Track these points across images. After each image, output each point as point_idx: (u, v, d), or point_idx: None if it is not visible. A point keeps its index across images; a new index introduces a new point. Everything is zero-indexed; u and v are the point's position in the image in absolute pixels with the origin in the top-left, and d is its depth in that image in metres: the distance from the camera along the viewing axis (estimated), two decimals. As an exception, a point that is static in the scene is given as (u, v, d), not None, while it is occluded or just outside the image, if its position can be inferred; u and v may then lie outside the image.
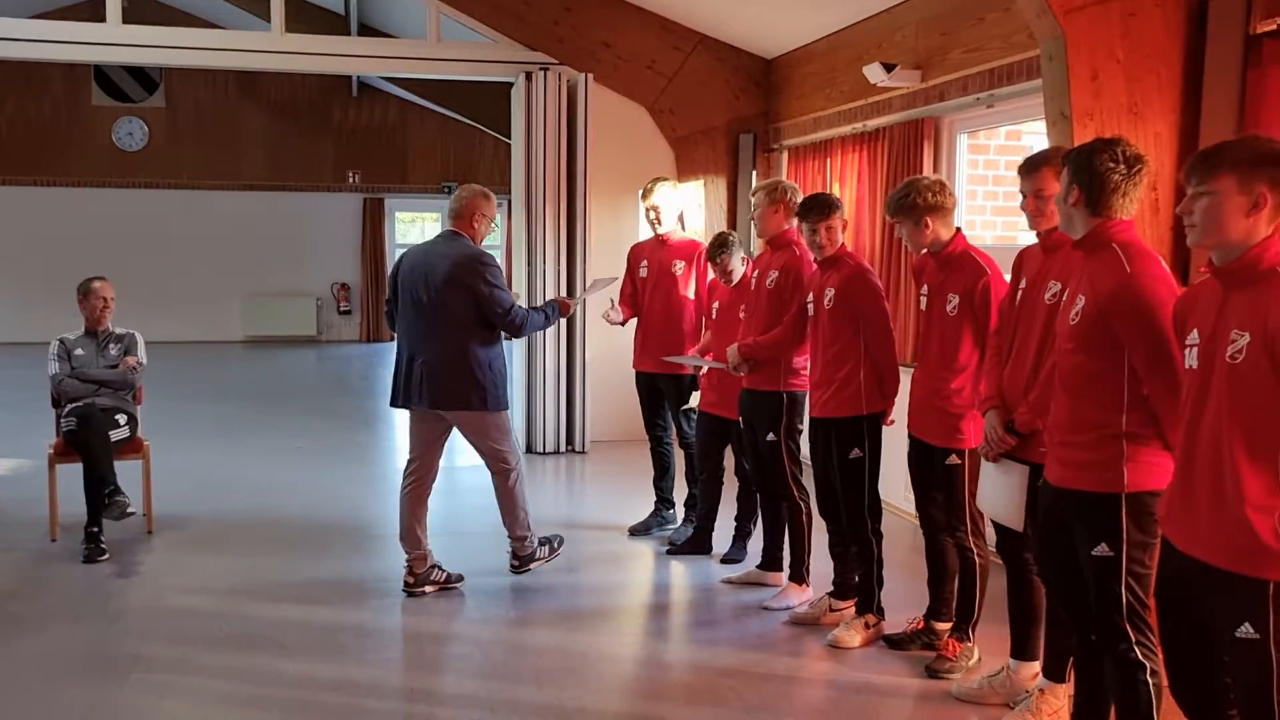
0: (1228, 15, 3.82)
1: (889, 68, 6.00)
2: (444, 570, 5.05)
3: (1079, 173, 3.03)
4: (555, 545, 5.28)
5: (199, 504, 6.51)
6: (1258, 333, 2.44)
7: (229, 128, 16.09)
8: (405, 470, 5.06)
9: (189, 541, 5.80)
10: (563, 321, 8.14)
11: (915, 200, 4.02)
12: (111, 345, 5.87)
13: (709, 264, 5.36)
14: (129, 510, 5.43)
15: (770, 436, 4.81)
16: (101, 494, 5.41)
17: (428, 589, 4.96)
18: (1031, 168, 3.53)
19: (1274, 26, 3.74)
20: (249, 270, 16.04)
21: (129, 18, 8.46)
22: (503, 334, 5.00)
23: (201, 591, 4.97)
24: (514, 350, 8.79)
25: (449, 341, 4.81)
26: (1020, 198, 3.57)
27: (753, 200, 4.93)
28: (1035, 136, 6.09)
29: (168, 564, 5.43)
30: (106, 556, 5.38)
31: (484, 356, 4.84)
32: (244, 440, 8.66)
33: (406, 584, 4.95)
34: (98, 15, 8.32)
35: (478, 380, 4.81)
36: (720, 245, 5.24)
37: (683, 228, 6.08)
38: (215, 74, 15.07)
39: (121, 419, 5.73)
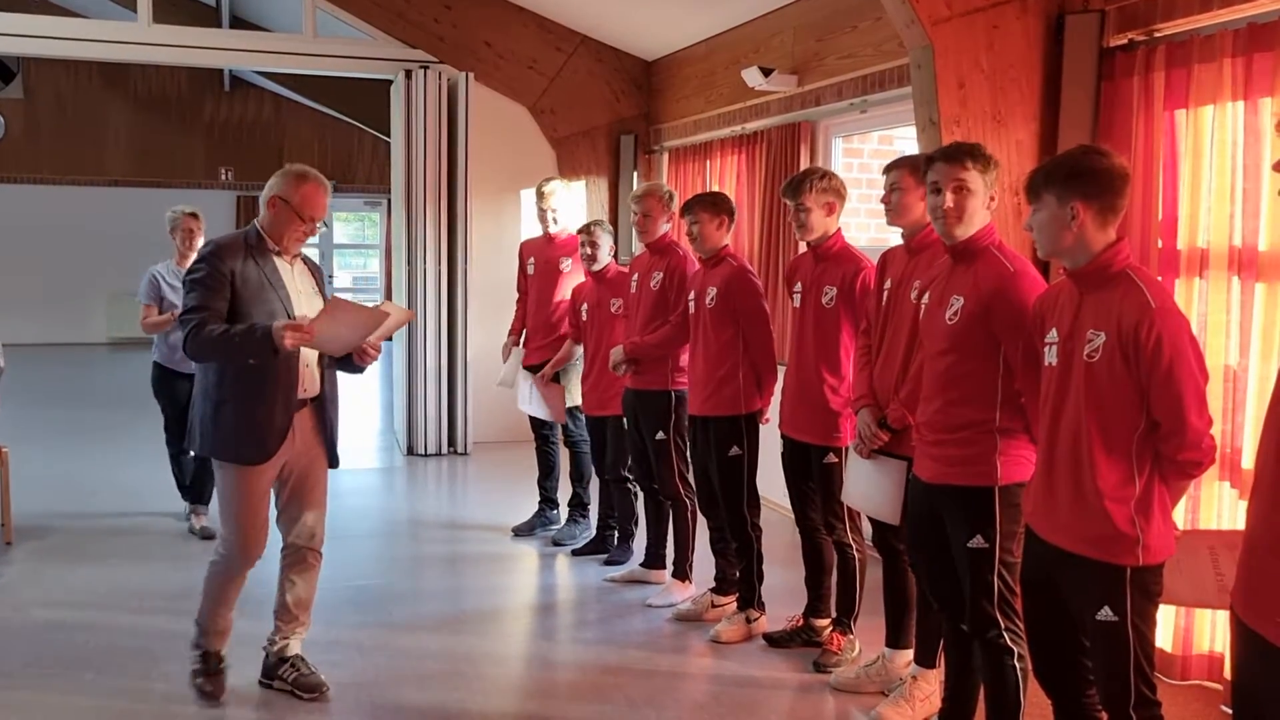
0: (1084, 30, 4.02)
1: (766, 72, 6.11)
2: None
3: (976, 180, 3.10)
4: (210, 672, 3.82)
5: (62, 513, 6.25)
6: (1112, 333, 2.59)
7: (93, 121, 15.44)
8: None
9: (51, 552, 5.56)
10: (443, 319, 8.10)
11: (834, 183, 4.11)
12: (-37, 349, 5.50)
13: (579, 236, 5.38)
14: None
15: (660, 435, 4.86)
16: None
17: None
18: (895, 165, 3.66)
19: (1125, 41, 3.96)
20: (115, 269, 15.35)
21: (-17, 5, 8.07)
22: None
23: (65, 604, 4.78)
24: (393, 350, 8.66)
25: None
26: (884, 191, 3.70)
27: (636, 208, 4.86)
28: (907, 141, 6.28)
29: (29, 576, 5.20)
30: (-39, 570, 5.13)
31: (208, 382, 3.64)
32: (110, 446, 8.34)
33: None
34: (-51, 1, 7.93)
35: (200, 412, 3.67)
36: (597, 221, 5.34)
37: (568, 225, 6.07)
38: (78, 65, 14.46)
39: (-25, 426, 5.33)
